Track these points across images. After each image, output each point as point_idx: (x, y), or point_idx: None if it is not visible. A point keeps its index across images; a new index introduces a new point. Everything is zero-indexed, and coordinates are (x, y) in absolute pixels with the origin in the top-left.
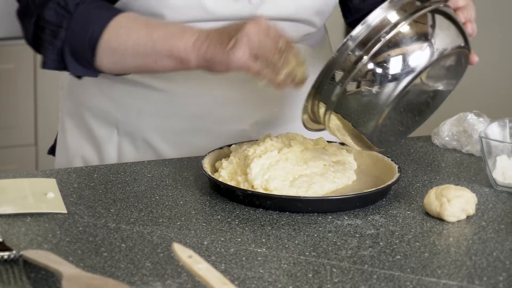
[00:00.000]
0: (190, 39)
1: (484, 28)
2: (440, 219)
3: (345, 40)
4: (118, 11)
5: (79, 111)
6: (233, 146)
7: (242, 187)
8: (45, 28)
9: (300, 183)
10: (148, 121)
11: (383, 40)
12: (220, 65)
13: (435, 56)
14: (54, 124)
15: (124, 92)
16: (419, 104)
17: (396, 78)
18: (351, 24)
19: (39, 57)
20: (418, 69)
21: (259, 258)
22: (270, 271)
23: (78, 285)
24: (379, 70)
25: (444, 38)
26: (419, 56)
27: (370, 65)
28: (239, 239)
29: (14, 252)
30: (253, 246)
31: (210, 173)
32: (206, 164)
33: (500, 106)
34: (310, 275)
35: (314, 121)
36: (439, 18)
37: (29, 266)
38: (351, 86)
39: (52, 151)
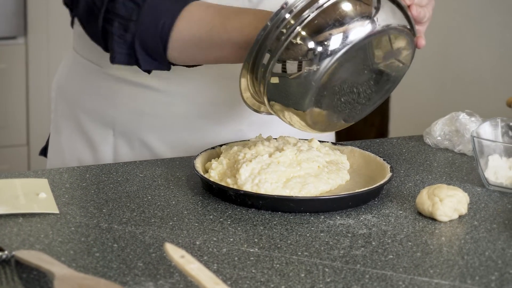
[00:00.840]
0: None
1: (476, 28)
2: (432, 219)
3: (278, 9)
4: (188, 0)
5: (74, 113)
6: (223, 147)
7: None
8: (114, 22)
9: (293, 184)
10: (145, 121)
11: (311, 15)
12: None
13: (367, 31)
14: (46, 124)
15: (120, 93)
16: (362, 84)
17: (323, 52)
18: None
19: (31, 57)
20: (348, 44)
21: (252, 258)
22: (262, 271)
23: (70, 286)
24: (309, 44)
25: (381, 15)
26: (353, 30)
27: (299, 40)
28: (231, 239)
29: (6, 252)
30: (245, 246)
31: (202, 173)
32: (198, 164)
33: (492, 106)
34: (303, 275)
35: (259, 102)
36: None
37: (21, 267)
38: (277, 68)
39: (43, 152)
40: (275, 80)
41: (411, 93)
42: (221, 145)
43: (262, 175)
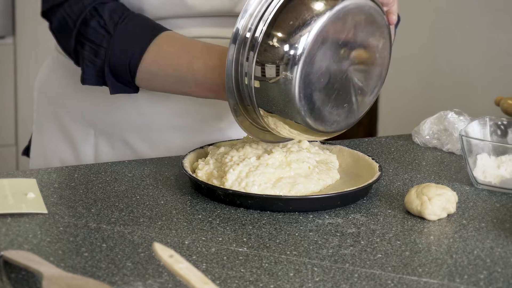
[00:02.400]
0: None
1: (465, 27)
2: (421, 218)
3: (233, 34)
4: (158, 31)
5: (56, 112)
6: (210, 147)
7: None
8: (85, 45)
9: (283, 185)
10: (126, 121)
11: (267, 21)
12: None
13: (324, 21)
14: None
15: (101, 92)
16: (346, 81)
17: (291, 54)
18: None
19: (19, 57)
20: (310, 38)
21: (240, 258)
22: (251, 270)
23: (59, 286)
24: (274, 51)
25: (336, 1)
26: (309, 24)
27: (265, 48)
28: (220, 239)
29: None
30: (234, 245)
31: (191, 173)
32: (187, 164)
33: (481, 105)
34: (292, 274)
35: (261, 128)
36: None
37: (9, 267)
38: (256, 77)
39: (26, 152)
40: (260, 91)
41: (400, 92)
42: (209, 145)
43: (250, 178)
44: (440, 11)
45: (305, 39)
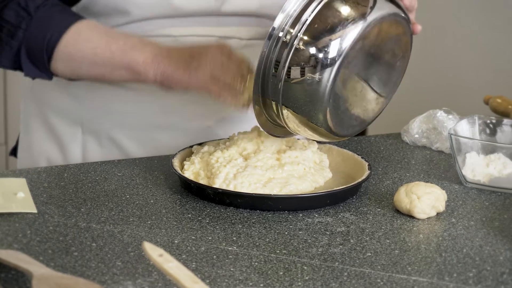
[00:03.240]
0: (150, 54)
1: (454, 26)
2: (410, 216)
3: (270, 31)
4: (79, 18)
5: (43, 111)
6: (194, 147)
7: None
8: (3, 27)
9: (274, 185)
10: (114, 119)
11: (307, 22)
12: (179, 84)
13: (364, 26)
14: None
15: (89, 90)
16: (368, 87)
17: (327, 57)
18: None
19: None
20: (349, 43)
21: (230, 256)
22: (241, 269)
23: (49, 285)
24: (311, 51)
25: (375, 8)
26: (348, 29)
27: (301, 48)
28: (209, 238)
29: None
30: (224, 244)
31: (180, 172)
32: (177, 163)
33: (470, 103)
34: (281, 273)
35: (275, 124)
36: None
37: None
38: (288, 75)
39: (13, 152)
40: (289, 90)
41: None
42: (199, 144)
43: (238, 179)
44: (430, 10)
45: (344, 43)
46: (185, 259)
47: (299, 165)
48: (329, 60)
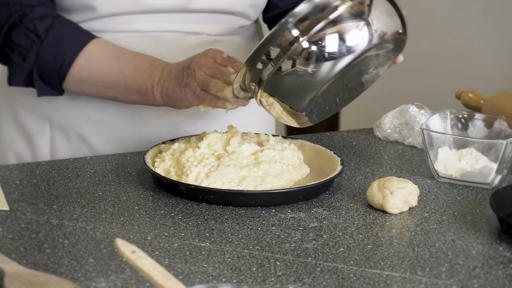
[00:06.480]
0: (157, 77)
1: (426, 20)
2: (383, 211)
3: (286, 17)
4: (89, 37)
5: (11, 106)
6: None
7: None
8: (14, 50)
9: (248, 183)
10: (82, 115)
11: (324, 21)
12: (181, 102)
13: (375, 40)
14: None
15: None
16: (353, 82)
17: (334, 58)
18: (267, 20)
19: None
20: (357, 52)
21: (203, 253)
22: (214, 265)
23: (21, 283)
24: (316, 50)
25: (386, 23)
26: (360, 38)
27: (307, 45)
28: (182, 234)
29: None
30: (196, 240)
31: (153, 168)
32: (149, 159)
33: (441, 98)
34: (254, 269)
35: (244, 90)
36: (382, 3)
37: None
38: (286, 65)
39: None
40: (279, 76)
41: None
42: (171, 140)
43: (210, 178)
44: (402, 5)
45: (359, 45)
46: (158, 256)
47: (276, 164)
48: (341, 59)
